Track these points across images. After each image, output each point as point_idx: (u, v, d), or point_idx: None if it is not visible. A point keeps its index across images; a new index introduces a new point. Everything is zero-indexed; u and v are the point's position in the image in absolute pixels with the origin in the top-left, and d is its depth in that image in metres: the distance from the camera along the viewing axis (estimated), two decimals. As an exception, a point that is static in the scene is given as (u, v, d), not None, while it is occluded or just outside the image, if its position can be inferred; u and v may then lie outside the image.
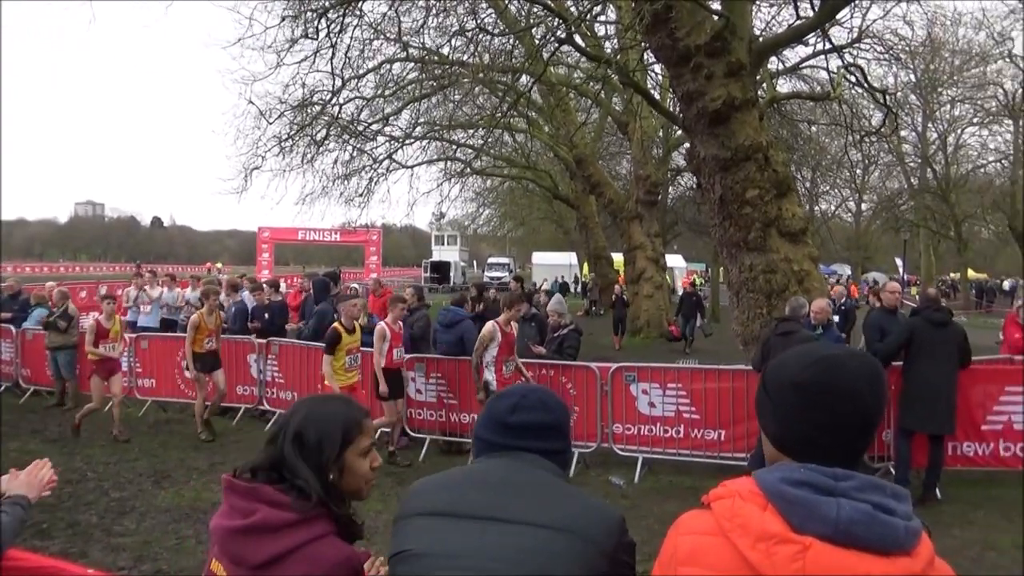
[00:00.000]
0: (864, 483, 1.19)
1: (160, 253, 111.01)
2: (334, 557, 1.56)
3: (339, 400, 1.82)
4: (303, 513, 1.56)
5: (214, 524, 1.62)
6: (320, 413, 1.70)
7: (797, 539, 1.15)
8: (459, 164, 26.05)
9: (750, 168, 8.37)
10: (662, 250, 22.45)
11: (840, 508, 1.15)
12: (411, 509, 1.61)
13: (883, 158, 36.28)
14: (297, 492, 1.59)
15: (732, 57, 8.30)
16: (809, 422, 1.26)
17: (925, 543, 1.18)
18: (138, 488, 6.90)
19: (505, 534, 1.46)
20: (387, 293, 11.14)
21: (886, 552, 1.14)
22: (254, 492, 1.59)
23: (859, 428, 1.28)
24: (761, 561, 1.16)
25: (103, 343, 8.78)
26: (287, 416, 1.70)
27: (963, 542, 5.69)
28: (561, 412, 1.70)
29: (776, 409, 1.32)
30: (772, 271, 8.45)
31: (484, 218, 48.08)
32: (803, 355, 1.33)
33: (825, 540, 1.14)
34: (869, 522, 1.14)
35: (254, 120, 17.45)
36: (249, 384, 9.92)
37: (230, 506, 1.61)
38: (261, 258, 43.43)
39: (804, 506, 1.17)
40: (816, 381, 1.27)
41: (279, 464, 1.63)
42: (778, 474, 1.22)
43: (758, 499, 1.21)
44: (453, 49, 14.37)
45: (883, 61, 18.00)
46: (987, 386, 7.07)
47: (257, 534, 1.54)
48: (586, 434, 7.80)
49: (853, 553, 1.13)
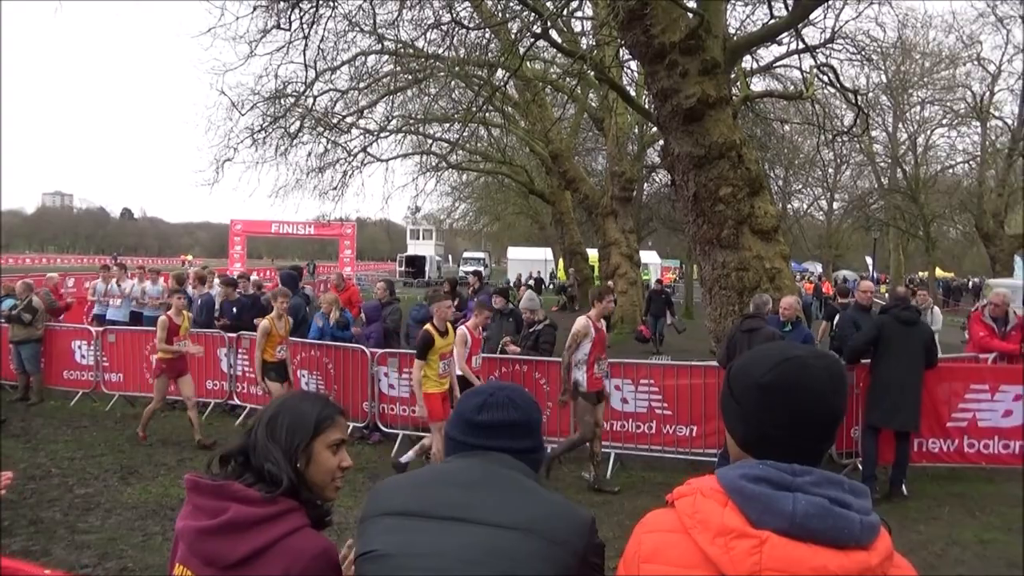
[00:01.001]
0: (821, 478, 1.21)
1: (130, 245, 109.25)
2: (312, 550, 1.54)
3: (317, 396, 1.83)
4: (276, 506, 1.54)
5: (181, 526, 1.58)
6: (295, 402, 1.73)
7: (754, 533, 1.16)
8: (434, 158, 25.93)
9: (723, 166, 8.42)
10: (636, 246, 22.53)
11: (796, 502, 1.17)
12: (377, 509, 1.58)
13: (854, 158, 36.84)
14: (268, 479, 1.57)
15: (707, 55, 8.33)
16: (774, 422, 1.28)
17: (883, 539, 1.19)
18: (104, 484, 6.78)
19: (474, 535, 1.44)
20: (350, 287, 11.02)
21: (842, 546, 1.15)
22: (222, 490, 1.56)
23: (823, 427, 1.29)
24: (720, 556, 1.17)
25: (176, 340, 8.25)
26: (265, 408, 1.71)
27: (928, 537, 5.78)
28: (531, 410, 1.67)
29: (741, 409, 1.34)
30: (744, 268, 8.51)
31: (459, 212, 48.00)
32: (768, 356, 1.34)
33: (782, 534, 1.16)
34: (824, 515, 1.16)
35: (226, 111, 17.16)
36: (219, 379, 9.80)
37: (195, 506, 1.58)
38: (233, 251, 42.85)
39: (761, 501, 1.18)
40: (781, 382, 1.28)
41: (249, 450, 1.62)
42: (738, 471, 1.24)
43: (719, 496, 1.23)
44: (428, 42, 14.29)
45: (855, 62, 18.27)
46: (952, 384, 7.19)
47: (230, 532, 1.51)
48: (559, 430, 7.80)
49: (809, 547, 1.15)
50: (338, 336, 9.06)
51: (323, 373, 8.98)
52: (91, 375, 10.39)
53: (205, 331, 9.88)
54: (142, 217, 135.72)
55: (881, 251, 45.32)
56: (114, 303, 12.61)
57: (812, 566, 1.13)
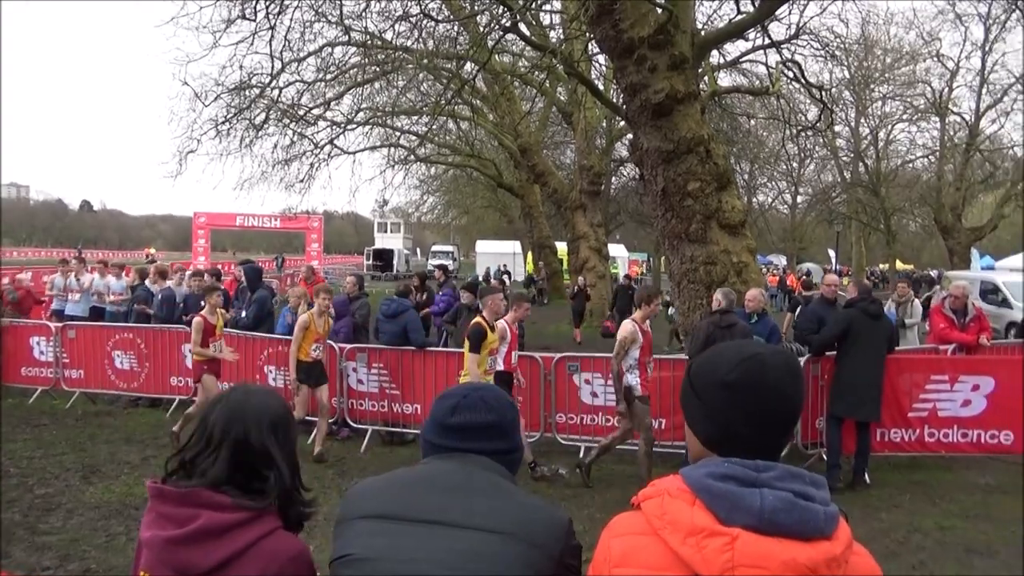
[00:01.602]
0: (784, 473, 1.24)
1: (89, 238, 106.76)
2: (288, 552, 1.52)
3: (264, 388, 1.80)
4: (251, 511, 1.51)
5: (148, 536, 1.54)
6: (274, 400, 1.69)
7: (725, 531, 1.18)
8: (402, 151, 25.75)
9: (692, 161, 8.48)
10: (605, 240, 22.65)
11: (763, 498, 1.19)
12: (353, 511, 1.56)
13: (818, 152, 37.47)
14: (259, 489, 1.54)
15: (675, 50, 8.38)
16: (738, 419, 1.30)
17: (843, 527, 1.23)
18: (65, 484, 6.64)
19: (450, 538, 1.43)
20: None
21: (807, 537, 1.18)
22: (189, 497, 1.52)
23: (784, 423, 1.33)
24: (692, 556, 1.18)
25: (212, 341, 7.80)
26: (236, 410, 1.62)
27: (890, 525, 5.91)
28: (505, 411, 1.65)
29: (704, 407, 1.35)
30: (712, 263, 8.60)
31: (428, 206, 47.83)
32: (729, 355, 1.36)
33: (751, 530, 1.17)
34: (791, 509, 1.18)
35: (189, 102, 16.86)
36: (184, 375, 9.62)
37: (159, 514, 1.54)
38: (197, 244, 42.27)
39: (729, 499, 1.20)
40: (744, 380, 1.30)
41: (245, 462, 1.57)
42: (703, 470, 1.26)
43: (686, 496, 1.24)
44: (396, 34, 14.16)
45: (819, 58, 18.53)
46: (913, 375, 7.35)
47: (202, 540, 1.48)
48: (529, 424, 7.82)
49: (778, 541, 1.17)
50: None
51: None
52: (50, 372, 10.15)
53: (171, 327, 9.70)
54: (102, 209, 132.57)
55: (844, 244, 46.19)
56: (73, 298, 12.30)
57: (782, 560, 1.15)
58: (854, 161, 36.67)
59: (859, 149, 35.06)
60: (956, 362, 7.69)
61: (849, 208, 38.42)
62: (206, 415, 1.64)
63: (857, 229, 43.97)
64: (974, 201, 35.71)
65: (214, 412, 1.63)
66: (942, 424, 7.25)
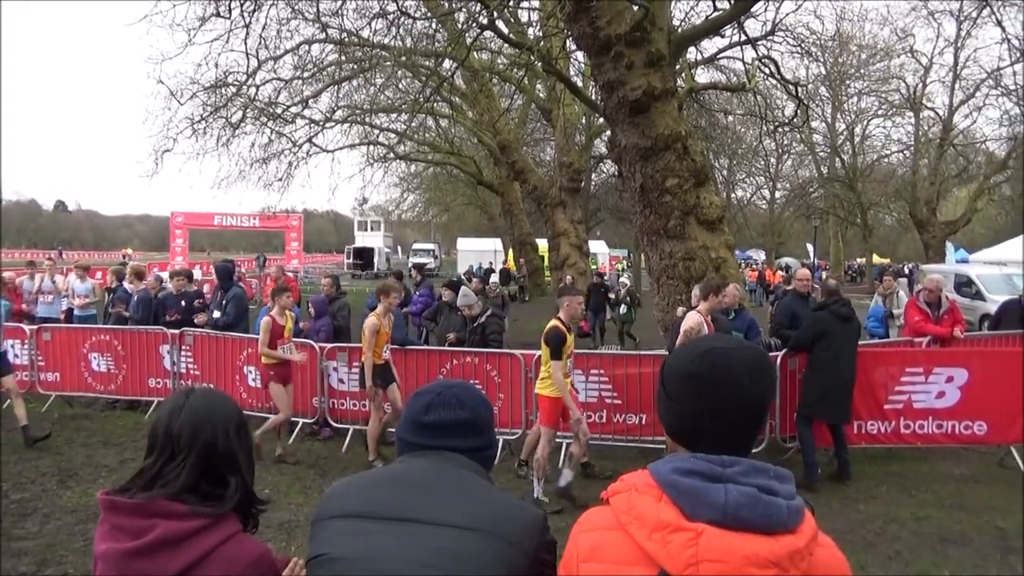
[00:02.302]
0: (749, 468, 1.26)
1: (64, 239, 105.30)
2: (248, 556, 1.51)
3: (219, 391, 1.80)
4: (209, 517, 1.49)
5: (103, 549, 1.52)
6: (233, 403, 1.69)
7: (690, 526, 1.20)
8: (382, 149, 25.67)
9: (669, 157, 8.54)
10: (585, 236, 22.72)
11: (728, 493, 1.21)
12: (328, 511, 1.56)
13: (795, 148, 37.83)
14: (218, 495, 1.53)
15: (652, 47, 8.42)
16: (696, 411, 1.33)
17: (808, 521, 1.24)
18: (41, 488, 6.55)
19: (425, 536, 1.44)
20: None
21: (771, 531, 1.20)
22: (144, 508, 1.50)
23: (747, 417, 1.34)
24: (658, 550, 1.20)
25: (280, 344, 7.45)
26: (203, 416, 1.61)
27: (867, 516, 5.99)
28: (479, 408, 1.66)
29: (671, 402, 1.38)
30: (691, 258, 8.66)
31: (408, 204, 47.73)
32: (693, 348, 1.40)
33: (715, 525, 1.19)
34: (754, 504, 1.20)
35: (164, 100, 16.70)
36: (162, 376, 9.53)
37: (113, 526, 1.52)
38: (174, 244, 41.74)
39: (694, 494, 1.22)
40: (701, 372, 1.33)
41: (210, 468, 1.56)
42: (670, 465, 1.28)
43: (653, 491, 1.26)
44: (374, 32, 14.09)
45: (795, 54, 18.71)
46: (889, 367, 7.44)
47: (159, 550, 1.46)
48: (511, 421, 7.84)
49: (742, 535, 1.19)
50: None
51: (271, 369, 8.82)
52: (25, 375, 10.00)
53: (150, 328, 9.60)
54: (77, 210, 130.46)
55: (821, 238, 46.55)
56: (44, 299, 12.13)
57: (745, 554, 1.17)
58: (831, 156, 37.06)
59: (835, 144, 35.42)
60: (930, 354, 7.80)
61: (826, 203, 38.82)
62: (167, 424, 1.61)
63: (835, 224, 44.43)
64: (948, 195, 36.25)
65: (177, 420, 1.60)
66: (917, 416, 7.35)
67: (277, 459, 7.45)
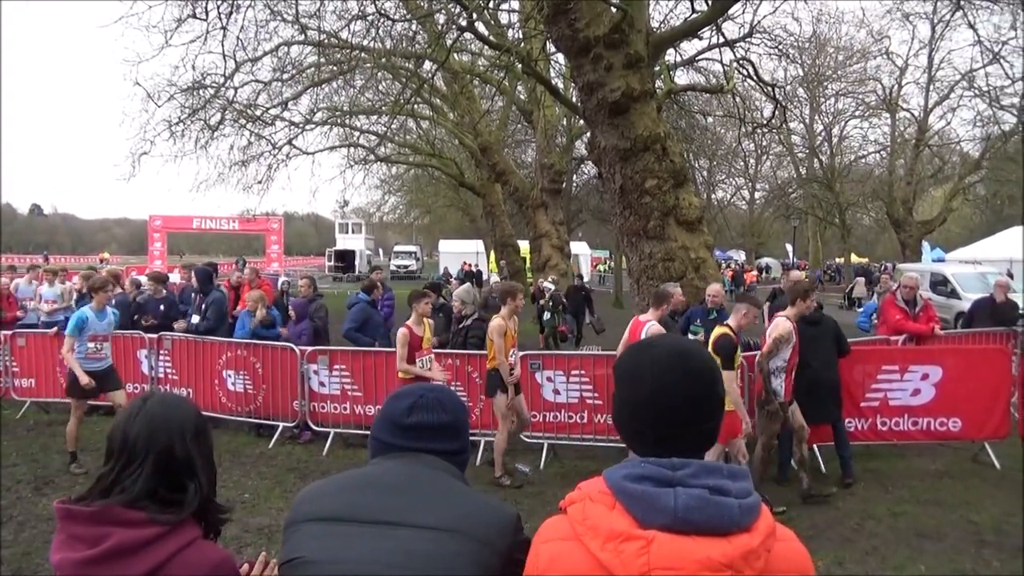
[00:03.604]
0: (699, 469, 1.24)
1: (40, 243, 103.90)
2: (209, 562, 1.50)
3: (178, 396, 1.79)
4: (167, 525, 1.48)
5: (58, 559, 1.50)
6: (192, 408, 1.66)
7: (641, 535, 1.20)
8: (362, 151, 25.56)
9: (649, 159, 8.59)
10: (567, 237, 22.75)
11: (677, 497, 1.20)
12: (302, 515, 1.56)
13: (774, 149, 38.15)
14: (178, 500, 1.51)
15: (631, 49, 8.47)
16: (622, 408, 1.36)
17: (764, 518, 1.24)
18: (16, 496, 6.46)
19: (398, 538, 1.44)
20: (261, 283, 10.72)
21: (724, 532, 1.19)
22: (99, 516, 1.49)
23: (681, 416, 1.30)
24: (611, 561, 1.20)
25: (419, 356, 6.89)
26: (158, 422, 1.58)
27: (845, 512, 6.06)
28: (459, 412, 1.68)
29: (621, 402, 1.39)
30: (670, 259, 8.72)
31: (389, 206, 47.59)
32: (631, 347, 1.43)
33: (667, 530, 1.19)
34: (704, 506, 1.19)
35: (142, 103, 16.61)
36: (140, 382, 9.43)
37: (70, 535, 1.50)
38: (153, 248, 41.33)
39: (645, 500, 1.22)
40: (623, 367, 1.37)
41: (167, 475, 1.54)
42: (622, 471, 1.27)
43: (607, 499, 1.26)
44: (353, 33, 14.04)
45: (773, 56, 18.84)
46: (865, 366, 7.52)
47: (115, 559, 1.45)
48: (493, 422, 7.83)
49: (693, 539, 1.18)
50: (261, 335, 8.82)
51: (251, 373, 8.75)
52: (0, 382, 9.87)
53: (126, 332, 9.49)
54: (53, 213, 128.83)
55: (800, 239, 47.07)
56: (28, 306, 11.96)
57: (697, 559, 1.16)
58: (809, 157, 37.41)
59: (814, 145, 35.76)
60: (906, 352, 7.90)
61: (805, 203, 39.19)
62: (124, 429, 1.59)
63: (813, 224, 44.90)
64: (924, 195, 36.72)
65: (134, 426, 1.58)
66: (893, 413, 7.43)
67: None
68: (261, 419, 8.62)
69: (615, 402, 1.40)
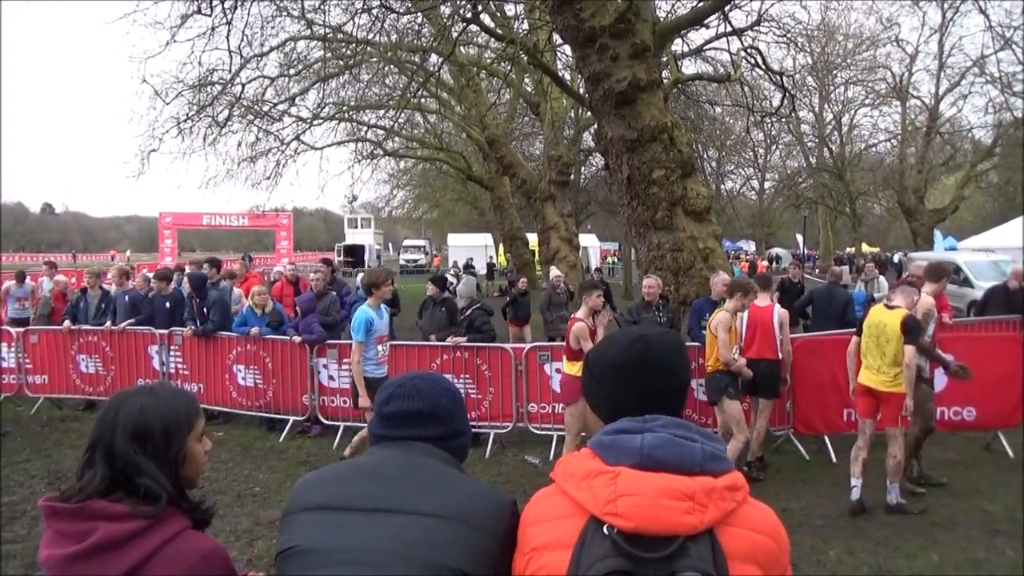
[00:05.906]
0: (669, 422, 1.38)
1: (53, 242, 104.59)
2: (197, 552, 1.49)
3: (169, 385, 1.77)
4: (151, 517, 1.47)
5: (45, 556, 1.50)
6: (157, 402, 1.61)
7: (609, 469, 1.32)
8: (370, 145, 25.58)
9: (656, 149, 8.54)
10: (575, 230, 22.70)
11: (643, 439, 1.32)
12: (298, 504, 1.57)
13: (783, 138, 37.91)
14: (143, 495, 1.49)
15: (637, 39, 8.41)
16: (632, 394, 1.45)
17: (737, 476, 1.33)
18: (30, 491, 6.51)
19: (393, 525, 1.45)
20: (248, 277, 10.70)
21: (688, 472, 1.29)
22: (83, 511, 1.48)
23: (672, 393, 1.49)
24: (584, 496, 1.32)
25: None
26: (110, 416, 1.57)
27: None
28: (438, 398, 1.65)
29: (601, 387, 1.52)
30: (679, 249, 8.67)
31: (398, 200, 47.50)
32: (621, 339, 1.54)
33: (634, 467, 1.31)
34: (668, 445, 1.31)
35: (149, 100, 16.59)
36: (151, 377, 9.46)
37: (56, 532, 1.49)
38: (163, 244, 41.61)
39: (616, 446, 1.35)
40: (634, 360, 1.47)
41: (118, 471, 1.52)
42: (600, 432, 1.43)
43: (586, 452, 1.41)
44: (358, 27, 14.02)
45: (781, 44, 18.72)
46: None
47: (101, 553, 1.44)
48: (502, 414, 7.84)
49: (658, 473, 1.29)
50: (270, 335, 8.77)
51: (260, 367, 8.79)
52: (13, 378, 9.95)
53: (138, 328, 9.52)
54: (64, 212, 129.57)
55: (811, 228, 46.79)
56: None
57: (659, 487, 1.27)
58: (819, 146, 37.18)
59: (823, 134, 35.54)
60: (918, 341, 7.82)
61: (815, 193, 38.94)
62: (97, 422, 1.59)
63: (824, 213, 44.57)
64: (936, 183, 36.44)
65: (98, 419, 1.58)
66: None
67: None
68: (272, 413, 8.65)
69: (599, 386, 1.52)
